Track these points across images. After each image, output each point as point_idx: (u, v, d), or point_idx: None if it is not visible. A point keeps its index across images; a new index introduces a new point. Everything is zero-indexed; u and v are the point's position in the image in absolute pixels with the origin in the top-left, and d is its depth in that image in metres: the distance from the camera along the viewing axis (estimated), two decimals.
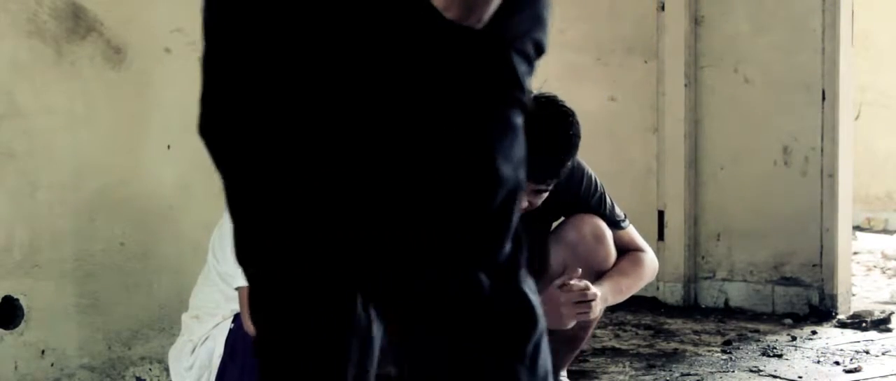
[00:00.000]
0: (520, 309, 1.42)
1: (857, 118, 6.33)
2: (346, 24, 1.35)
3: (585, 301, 2.80)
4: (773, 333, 4.03)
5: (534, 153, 2.66)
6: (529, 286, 1.45)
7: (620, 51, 4.74)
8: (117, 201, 3.02)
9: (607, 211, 3.01)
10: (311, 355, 1.54)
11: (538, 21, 1.48)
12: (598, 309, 2.85)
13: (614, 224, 3.01)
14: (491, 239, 1.40)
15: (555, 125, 2.74)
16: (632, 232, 3.07)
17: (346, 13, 1.35)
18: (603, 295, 2.87)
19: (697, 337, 3.96)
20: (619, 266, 2.98)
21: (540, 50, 1.49)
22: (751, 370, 3.44)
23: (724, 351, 3.71)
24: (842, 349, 3.73)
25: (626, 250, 3.03)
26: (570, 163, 2.78)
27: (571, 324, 2.82)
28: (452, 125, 1.37)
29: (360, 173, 1.37)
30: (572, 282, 2.80)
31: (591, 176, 2.99)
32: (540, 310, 1.44)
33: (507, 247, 1.42)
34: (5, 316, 2.87)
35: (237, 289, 2.46)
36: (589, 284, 2.82)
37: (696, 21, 4.55)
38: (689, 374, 3.38)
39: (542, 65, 1.56)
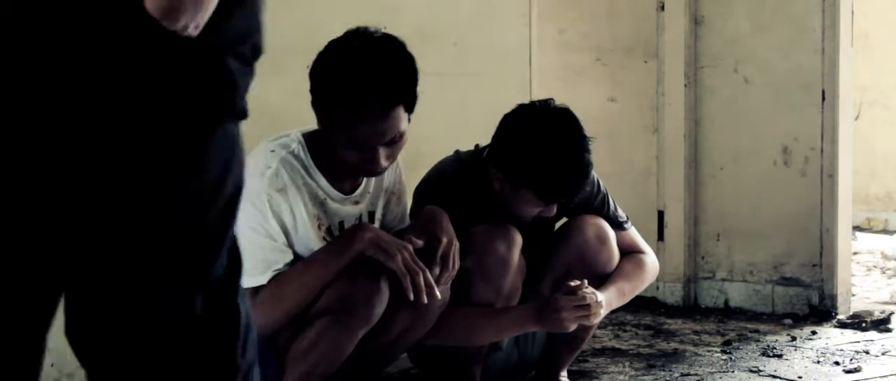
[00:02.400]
0: (228, 330, 1.40)
1: (857, 118, 6.33)
2: (56, 31, 1.29)
3: (587, 306, 2.79)
4: (773, 333, 4.03)
5: (567, 175, 2.69)
6: (244, 304, 1.44)
7: (620, 51, 4.73)
8: None
9: (610, 212, 3.02)
10: None
11: (255, 22, 1.44)
12: (600, 315, 2.84)
13: (616, 225, 3.02)
14: (204, 258, 1.38)
15: (574, 138, 2.75)
16: (633, 234, 3.07)
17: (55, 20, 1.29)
18: (607, 300, 2.87)
19: (697, 337, 3.96)
20: (621, 270, 2.98)
21: (257, 53, 1.46)
22: (751, 371, 3.43)
23: (723, 351, 3.70)
24: (842, 350, 3.73)
25: (628, 252, 3.03)
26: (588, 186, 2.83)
27: (572, 329, 2.82)
28: (163, 142, 1.33)
29: (75, 177, 1.34)
30: (575, 286, 2.79)
31: (593, 177, 2.98)
32: (251, 335, 1.43)
33: (222, 264, 1.41)
34: None
35: None
36: (594, 290, 2.82)
37: (696, 21, 4.54)
38: (689, 374, 3.38)
39: (542, 65, 1.54)
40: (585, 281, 2.81)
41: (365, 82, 2.37)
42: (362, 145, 2.41)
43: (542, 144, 2.74)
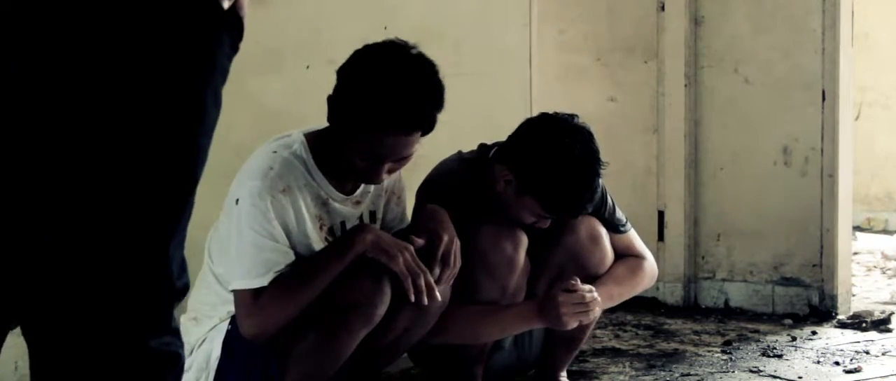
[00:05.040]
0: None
1: (857, 118, 6.33)
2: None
3: (585, 303, 2.80)
4: (773, 333, 4.03)
5: (576, 191, 2.70)
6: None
7: (620, 51, 4.73)
8: None
9: (607, 214, 3.00)
10: None
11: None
12: (597, 312, 2.85)
13: (614, 228, 3.01)
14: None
15: (589, 157, 2.75)
16: (632, 237, 3.06)
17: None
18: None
19: (697, 337, 3.96)
20: (614, 273, 2.97)
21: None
22: (751, 371, 3.43)
23: (724, 351, 3.70)
24: (842, 350, 3.73)
25: (626, 256, 3.02)
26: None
27: (572, 326, 2.82)
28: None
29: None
30: (574, 284, 2.80)
31: None
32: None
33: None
34: None
35: (232, 291, 2.46)
36: (591, 287, 2.82)
37: (696, 21, 4.54)
38: (689, 374, 3.38)
39: (542, 65, 1.53)
40: (578, 279, 2.82)
41: (394, 103, 2.37)
42: (372, 156, 2.42)
43: (557, 156, 2.74)
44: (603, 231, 2.96)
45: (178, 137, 1.37)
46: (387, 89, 2.38)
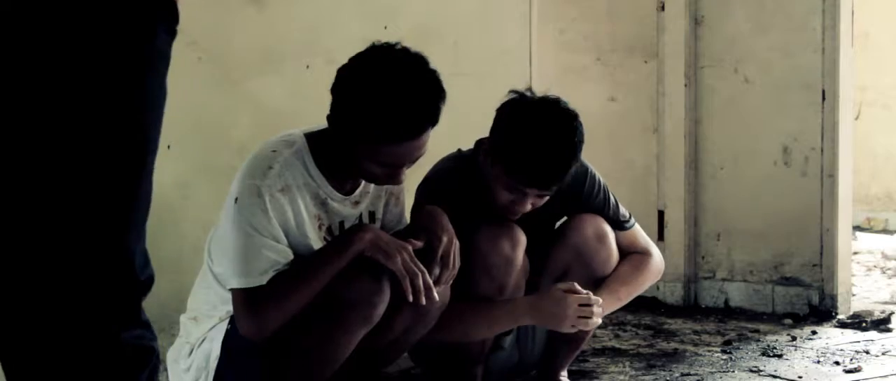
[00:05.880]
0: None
1: (857, 118, 6.33)
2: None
3: (589, 307, 2.78)
4: (773, 333, 4.03)
5: (538, 159, 2.68)
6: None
7: (620, 51, 4.73)
8: None
9: (611, 211, 3.00)
10: None
11: None
12: (598, 319, 2.83)
13: (618, 225, 3.00)
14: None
15: (561, 131, 2.72)
16: (637, 232, 3.05)
17: None
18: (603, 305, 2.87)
19: (697, 337, 3.96)
20: (619, 273, 2.96)
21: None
22: (751, 370, 3.43)
23: (724, 351, 3.70)
24: (842, 349, 3.73)
25: (631, 252, 3.01)
26: (573, 168, 2.78)
27: (570, 329, 2.81)
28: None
29: None
30: (577, 287, 2.79)
31: (594, 176, 2.98)
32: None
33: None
34: None
35: (230, 290, 2.46)
36: (590, 293, 2.81)
37: (696, 21, 4.54)
38: (689, 374, 3.38)
39: (542, 65, 1.53)
40: (576, 284, 2.80)
41: (402, 109, 2.37)
42: (390, 164, 2.43)
43: (523, 119, 2.73)
44: (609, 230, 2.95)
45: (124, 126, 1.37)
46: (392, 101, 2.37)
